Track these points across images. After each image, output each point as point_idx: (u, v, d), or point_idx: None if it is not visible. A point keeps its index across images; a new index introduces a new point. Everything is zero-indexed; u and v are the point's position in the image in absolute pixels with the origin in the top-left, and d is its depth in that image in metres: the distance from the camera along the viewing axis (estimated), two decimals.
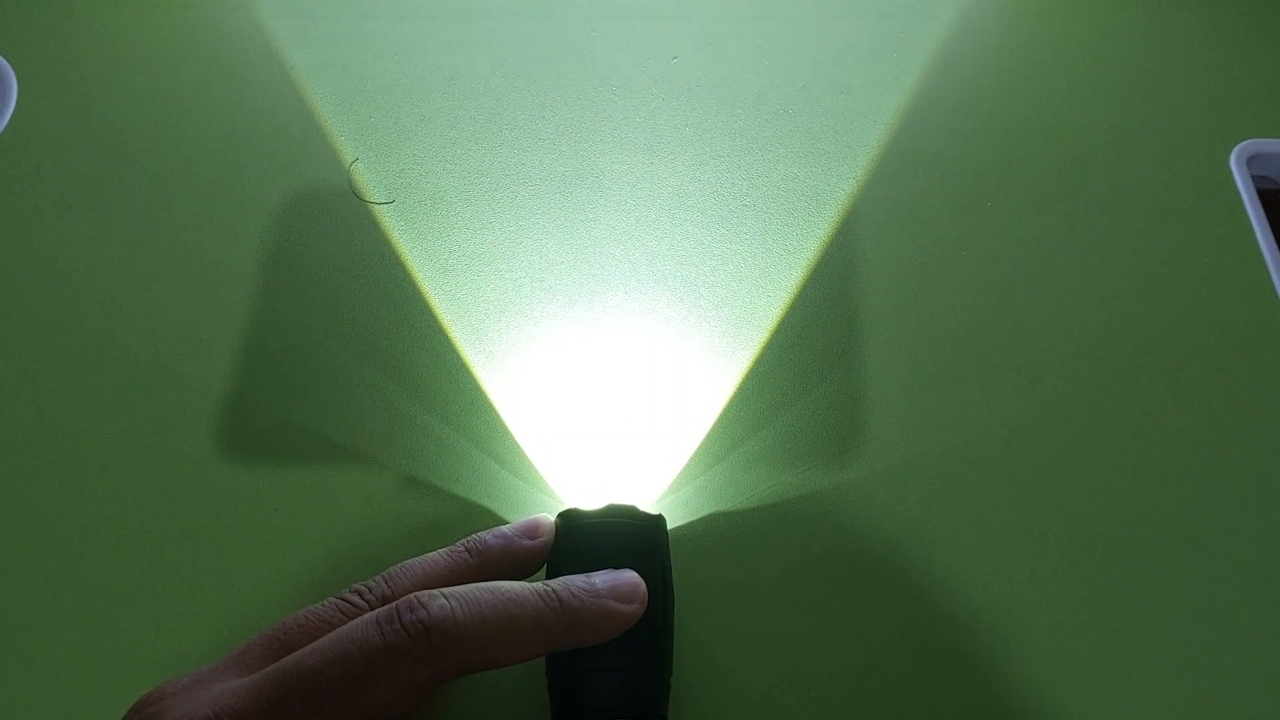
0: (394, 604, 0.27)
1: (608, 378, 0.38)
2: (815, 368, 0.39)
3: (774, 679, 0.33)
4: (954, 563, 0.35)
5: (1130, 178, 0.44)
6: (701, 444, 0.37)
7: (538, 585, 0.28)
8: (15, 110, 0.45)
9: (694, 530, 0.35)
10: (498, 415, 0.37)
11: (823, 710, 0.32)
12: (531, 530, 0.31)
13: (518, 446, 0.37)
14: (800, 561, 0.35)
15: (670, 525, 0.35)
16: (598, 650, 0.29)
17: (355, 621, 0.26)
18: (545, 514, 0.32)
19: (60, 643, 0.33)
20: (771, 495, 0.36)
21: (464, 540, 0.31)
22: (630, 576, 0.30)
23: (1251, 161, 0.44)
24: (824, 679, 0.33)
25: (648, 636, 0.30)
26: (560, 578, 0.29)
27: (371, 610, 0.27)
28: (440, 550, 0.30)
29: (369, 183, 0.43)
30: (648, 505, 0.34)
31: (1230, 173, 0.44)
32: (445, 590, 0.27)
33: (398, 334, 0.39)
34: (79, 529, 0.35)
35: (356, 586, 0.29)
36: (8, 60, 0.47)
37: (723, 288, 0.41)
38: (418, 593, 0.27)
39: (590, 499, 0.34)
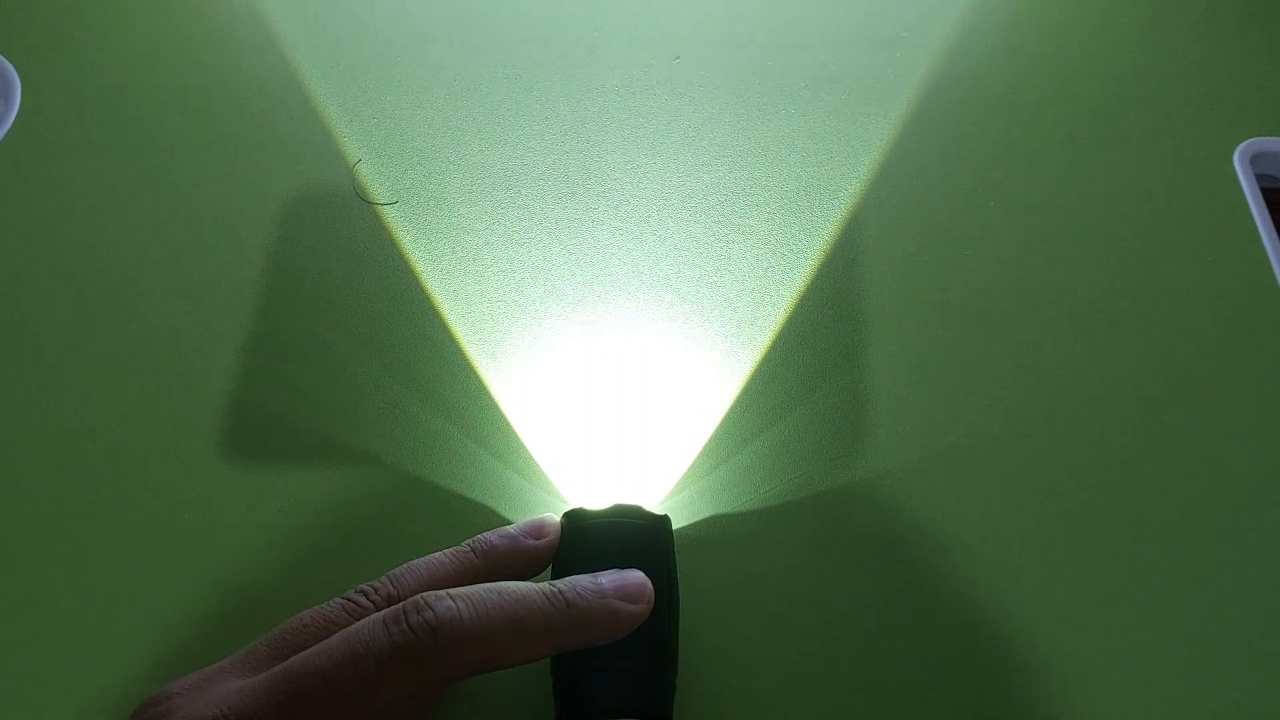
0: (400, 605, 0.27)
1: (612, 378, 0.38)
2: (820, 368, 0.39)
3: (779, 679, 0.33)
4: (960, 561, 0.35)
5: (1134, 176, 0.44)
6: (706, 444, 0.37)
7: (543, 585, 0.28)
8: (19, 111, 0.46)
9: (699, 530, 0.35)
10: (503, 415, 0.37)
11: (828, 710, 0.32)
12: (537, 530, 0.31)
13: (523, 446, 0.37)
14: (805, 562, 0.35)
15: (675, 525, 0.35)
16: (603, 650, 0.29)
17: (362, 622, 0.26)
18: (550, 514, 0.32)
19: (65, 642, 0.33)
20: (776, 496, 0.36)
21: (469, 540, 0.31)
22: (636, 576, 0.30)
23: (1255, 160, 0.44)
24: (829, 679, 0.33)
25: (653, 636, 0.30)
26: (566, 578, 0.29)
27: (377, 611, 0.28)
28: (445, 550, 0.30)
29: (373, 183, 0.43)
30: (652, 506, 0.34)
31: (1234, 171, 0.44)
32: (451, 591, 0.27)
33: (402, 334, 0.39)
34: (83, 529, 0.35)
35: (362, 587, 0.29)
36: (12, 62, 0.47)
37: (726, 288, 0.41)
38: (424, 593, 0.27)
39: (595, 499, 0.34)
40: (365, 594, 0.29)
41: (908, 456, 0.37)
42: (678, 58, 0.48)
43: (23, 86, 0.46)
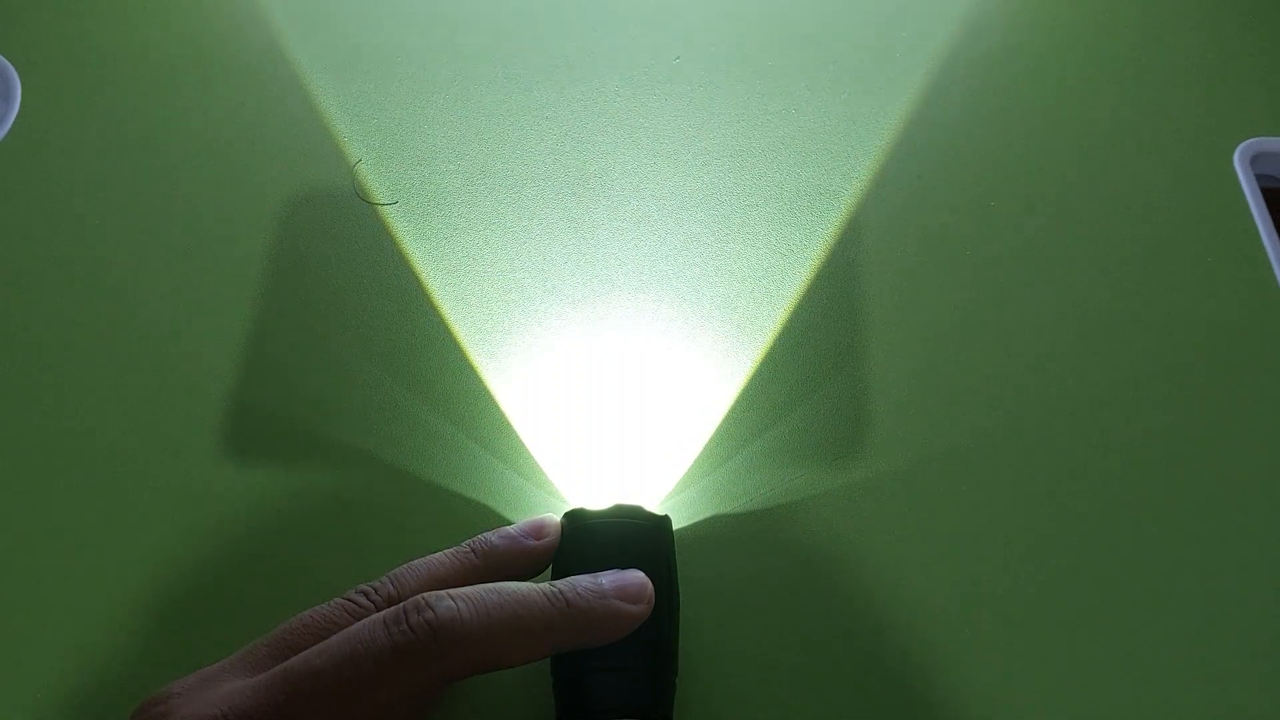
0: (401, 605, 0.27)
1: (612, 378, 0.38)
2: (820, 369, 0.39)
3: (779, 679, 0.33)
4: (959, 563, 0.35)
5: (1134, 177, 0.44)
6: (706, 445, 0.37)
7: (544, 586, 0.28)
8: (20, 112, 0.45)
9: (698, 531, 0.35)
10: (503, 415, 0.37)
11: (827, 710, 0.32)
12: (537, 530, 0.31)
13: (523, 446, 0.37)
14: (804, 563, 0.35)
15: (675, 526, 0.35)
16: (603, 650, 0.29)
17: (362, 622, 0.26)
18: (550, 514, 0.32)
19: (66, 643, 0.33)
20: (776, 496, 0.36)
21: (469, 541, 0.31)
22: (636, 576, 0.30)
23: (1255, 160, 0.44)
24: (828, 680, 0.33)
25: (653, 636, 0.30)
26: (566, 578, 0.29)
27: (378, 611, 0.28)
28: (446, 551, 0.30)
29: (373, 184, 0.43)
30: (653, 506, 0.34)
31: (1234, 171, 0.44)
32: (452, 591, 0.27)
33: (402, 335, 0.39)
34: (84, 530, 0.35)
35: (363, 587, 0.29)
36: (12, 62, 0.47)
37: (726, 289, 0.41)
38: (424, 594, 0.27)
39: (596, 499, 0.34)
40: (366, 594, 0.29)
41: (907, 457, 0.37)
42: (678, 58, 0.48)
43: (23, 86, 0.46)
